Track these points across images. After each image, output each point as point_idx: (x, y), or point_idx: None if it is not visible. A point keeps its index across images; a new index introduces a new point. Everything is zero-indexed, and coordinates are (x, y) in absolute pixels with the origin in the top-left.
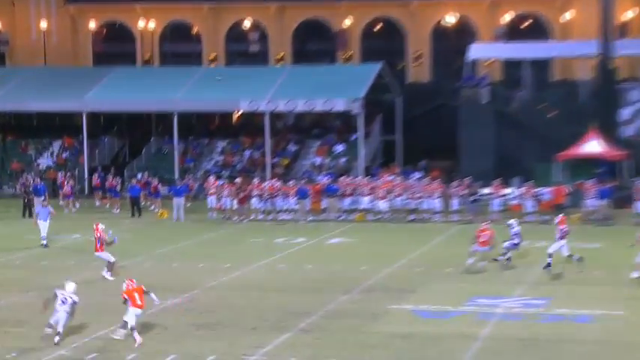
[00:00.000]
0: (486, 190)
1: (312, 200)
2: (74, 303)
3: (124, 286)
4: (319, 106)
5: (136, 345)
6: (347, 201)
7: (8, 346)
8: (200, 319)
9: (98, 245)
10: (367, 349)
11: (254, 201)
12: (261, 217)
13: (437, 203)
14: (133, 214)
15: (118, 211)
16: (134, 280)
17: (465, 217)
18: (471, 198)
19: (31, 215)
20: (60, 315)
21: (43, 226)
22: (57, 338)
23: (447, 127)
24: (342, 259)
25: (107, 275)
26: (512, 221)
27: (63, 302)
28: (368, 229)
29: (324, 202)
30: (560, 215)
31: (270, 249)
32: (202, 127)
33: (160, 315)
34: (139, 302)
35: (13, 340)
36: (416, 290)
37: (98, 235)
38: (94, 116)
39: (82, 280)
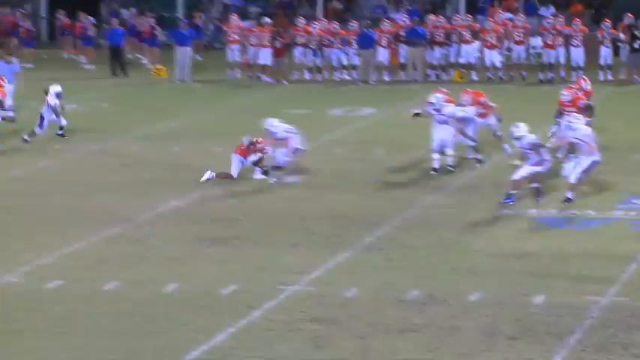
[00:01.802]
0: None
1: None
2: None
3: None
4: None
5: None
6: (439, 52)
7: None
8: (214, 231)
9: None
10: (465, 277)
11: (298, 52)
12: (308, 76)
13: (578, 54)
14: (114, 72)
15: (93, 66)
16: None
17: (620, 75)
18: (632, 45)
19: None
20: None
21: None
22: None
23: None
24: (429, 140)
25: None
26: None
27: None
28: None
29: (404, 54)
30: None
31: (322, 125)
32: None
33: (155, 223)
34: None
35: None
36: (543, 188)
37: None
38: None
39: (39, 169)
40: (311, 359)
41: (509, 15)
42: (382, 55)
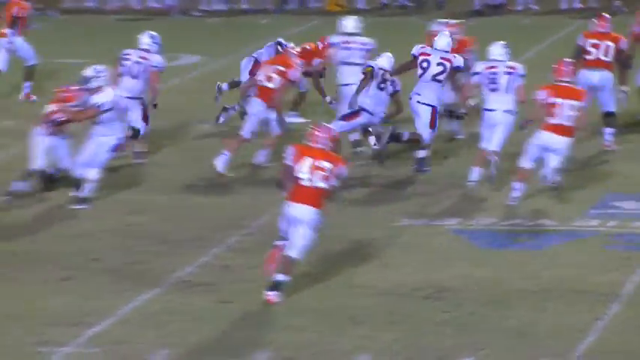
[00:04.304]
0: None
1: None
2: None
3: None
4: None
5: None
6: None
7: None
8: None
9: None
10: (346, 329)
11: None
12: (91, 2)
13: None
14: None
15: None
16: None
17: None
18: None
19: None
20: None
21: None
22: None
23: None
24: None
25: None
26: None
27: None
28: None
29: None
30: None
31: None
32: None
33: None
34: None
35: None
36: (468, 184)
37: None
38: None
39: None
40: None
41: None
42: None
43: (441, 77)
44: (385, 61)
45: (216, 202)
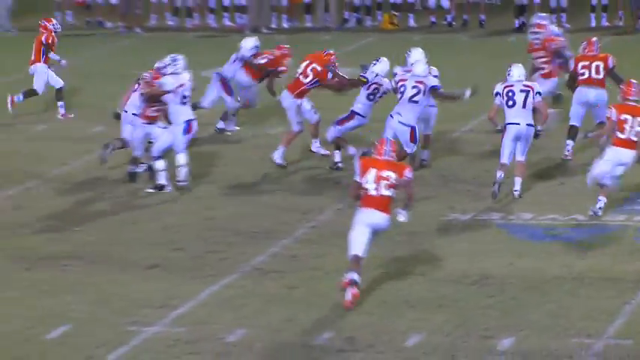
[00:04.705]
0: None
1: None
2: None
3: None
4: None
5: None
6: None
7: None
8: (35, 247)
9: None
10: (400, 312)
11: None
12: (172, 21)
13: None
14: None
15: None
16: None
17: (618, 19)
18: None
19: None
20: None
21: None
22: None
23: None
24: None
25: None
26: None
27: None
28: (404, 47)
29: None
30: None
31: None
32: None
33: None
34: None
35: None
36: (509, 181)
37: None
38: None
39: None
40: None
41: None
42: None
43: (416, 98)
44: (381, 67)
45: (283, 199)
